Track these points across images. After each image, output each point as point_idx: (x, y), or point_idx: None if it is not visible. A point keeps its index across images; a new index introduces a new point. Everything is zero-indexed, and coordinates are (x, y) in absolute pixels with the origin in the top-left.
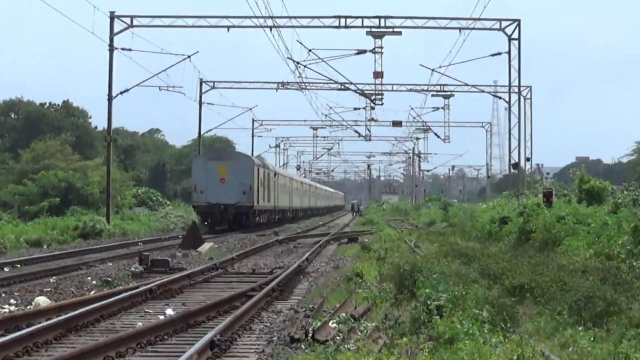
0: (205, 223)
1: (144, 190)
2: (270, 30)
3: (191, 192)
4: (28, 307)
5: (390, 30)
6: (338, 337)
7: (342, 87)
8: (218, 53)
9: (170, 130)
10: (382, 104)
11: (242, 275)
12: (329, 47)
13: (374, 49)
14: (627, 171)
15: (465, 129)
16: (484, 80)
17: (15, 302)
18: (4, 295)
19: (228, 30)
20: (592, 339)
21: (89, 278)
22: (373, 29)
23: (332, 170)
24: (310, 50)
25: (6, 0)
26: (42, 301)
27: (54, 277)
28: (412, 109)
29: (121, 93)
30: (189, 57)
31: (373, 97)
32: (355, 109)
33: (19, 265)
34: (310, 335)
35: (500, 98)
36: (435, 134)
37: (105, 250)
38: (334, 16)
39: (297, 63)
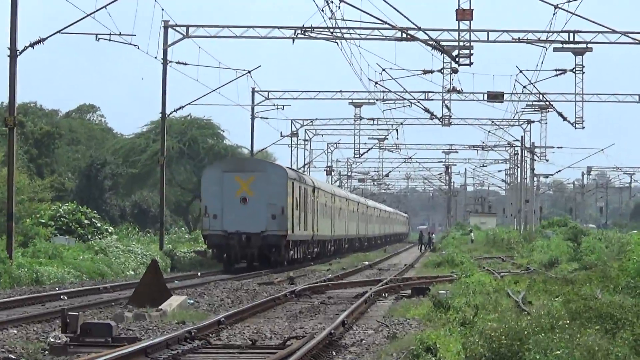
0: (219, 260)
1: (70, 209)
2: None
3: (201, 217)
4: None
5: None
6: None
7: (404, 34)
8: None
9: (115, 109)
10: (471, 63)
11: (234, 351)
12: None
13: None
14: None
15: (612, 106)
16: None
17: None
18: None
19: None
20: None
21: None
22: None
23: (387, 176)
24: None
25: None
26: None
27: None
28: (520, 72)
29: (32, 45)
30: None
31: (456, 53)
32: (425, 72)
33: None
34: None
35: None
36: (560, 115)
37: (4, 309)
38: None
39: None
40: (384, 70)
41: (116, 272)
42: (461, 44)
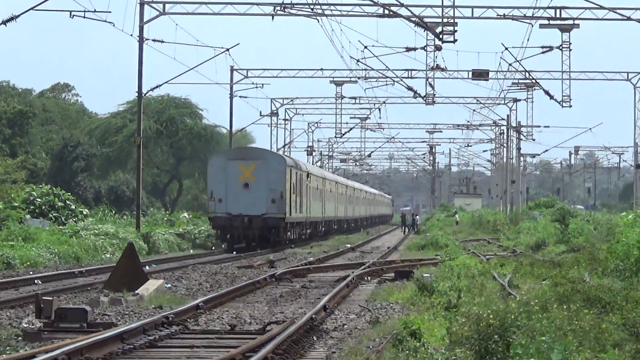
0: (222, 240)
1: (43, 191)
2: None
3: (207, 201)
4: None
5: None
6: None
7: (386, 11)
8: None
9: (90, 88)
10: (456, 40)
11: (213, 337)
12: None
13: None
14: None
15: (600, 84)
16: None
17: None
18: None
19: None
20: None
21: None
22: None
23: (369, 156)
24: None
25: None
26: None
27: None
28: (505, 49)
29: (5, 22)
30: None
31: (439, 30)
32: (408, 49)
33: None
34: None
35: None
36: (547, 93)
37: None
38: None
39: None
40: (365, 47)
41: (92, 256)
42: (445, 20)
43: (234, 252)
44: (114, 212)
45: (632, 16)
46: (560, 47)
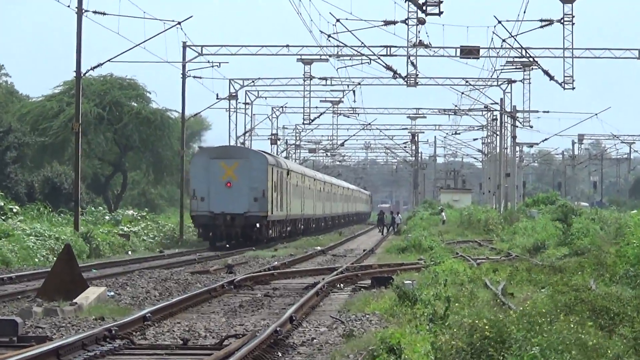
0: (205, 239)
1: None
2: None
3: (190, 200)
4: None
5: None
6: None
7: None
8: None
9: (22, 68)
10: (441, 13)
11: (162, 352)
12: None
13: None
14: None
15: (606, 63)
16: None
17: None
18: None
19: None
20: None
21: None
22: None
23: (342, 145)
24: None
25: None
26: None
27: None
28: (498, 23)
29: None
30: None
31: (423, 0)
32: (387, 23)
33: None
34: None
35: None
36: (546, 73)
37: None
38: None
39: None
40: (338, 20)
41: (23, 260)
42: None
43: (218, 253)
44: (50, 209)
45: None
46: (562, 21)
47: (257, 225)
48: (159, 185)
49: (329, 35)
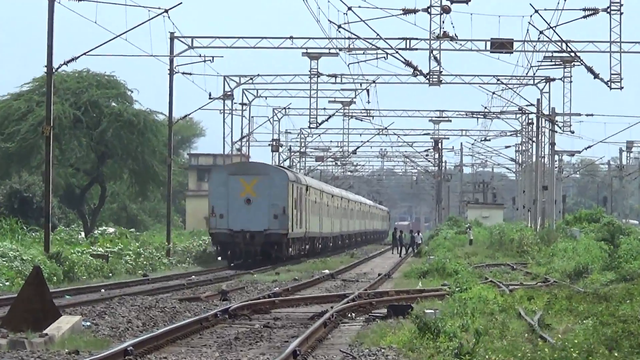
0: (223, 257)
1: None
2: None
3: (208, 217)
4: None
5: None
6: None
7: None
8: None
9: None
10: (469, 0)
11: None
12: None
13: None
14: None
15: None
16: None
17: None
18: None
19: None
20: None
21: None
22: None
23: (354, 153)
24: None
25: None
26: None
27: None
28: (535, 12)
29: None
30: None
31: None
32: (406, 12)
33: None
34: None
35: None
36: (590, 70)
37: None
38: None
39: None
40: (349, 9)
41: None
42: None
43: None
44: (20, 224)
45: None
46: (608, 10)
47: (277, 243)
48: (143, 199)
49: (339, 26)
